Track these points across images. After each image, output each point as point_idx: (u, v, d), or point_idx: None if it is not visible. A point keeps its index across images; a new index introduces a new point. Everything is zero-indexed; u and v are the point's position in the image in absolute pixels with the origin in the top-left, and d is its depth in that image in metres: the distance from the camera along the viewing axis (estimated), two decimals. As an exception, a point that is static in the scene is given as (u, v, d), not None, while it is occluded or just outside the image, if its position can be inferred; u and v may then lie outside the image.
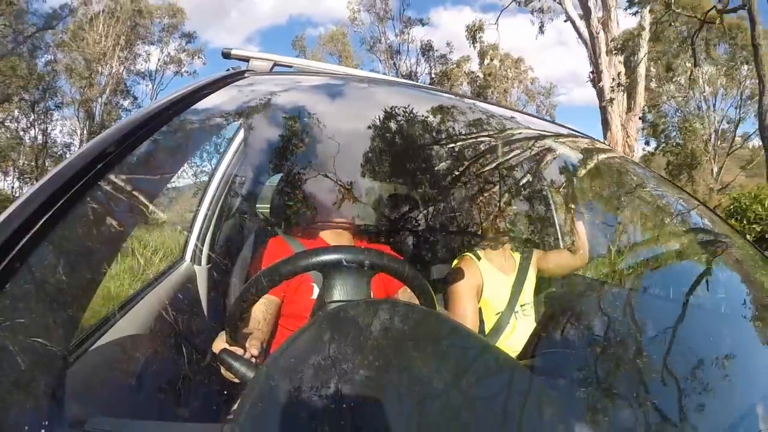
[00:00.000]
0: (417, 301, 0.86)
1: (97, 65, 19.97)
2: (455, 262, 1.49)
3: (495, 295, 1.43)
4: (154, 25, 22.00)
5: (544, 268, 1.53)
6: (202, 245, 1.53)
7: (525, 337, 1.41)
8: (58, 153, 20.47)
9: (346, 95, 1.30)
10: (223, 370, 0.80)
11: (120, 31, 20.34)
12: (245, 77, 1.13)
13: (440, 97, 1.54)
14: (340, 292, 0.77)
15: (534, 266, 1.51)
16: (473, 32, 17.90)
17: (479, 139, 1.42)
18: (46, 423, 0.47)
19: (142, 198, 0.68)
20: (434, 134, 1.38)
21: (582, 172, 1.45)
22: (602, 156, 1.45)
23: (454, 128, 1.41)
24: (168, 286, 1.33)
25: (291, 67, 1.30)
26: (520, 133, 1.42)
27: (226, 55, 1.25)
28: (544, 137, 1.44)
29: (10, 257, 0.50)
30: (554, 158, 1.44)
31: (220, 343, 0.82)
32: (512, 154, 1.43)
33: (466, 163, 1.47)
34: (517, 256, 1.52)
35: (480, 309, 1.43)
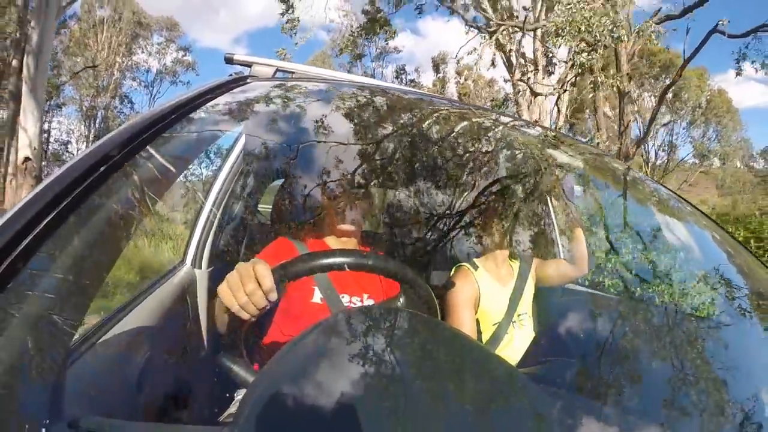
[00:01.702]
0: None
1: (104, 73, 20.60)
2: (452, 273, 1.49)
3: (492, 305, 1.42)
4: (152, 35, 23.59)
5: (543, 277, 1.53)
6: (203, 249, 1.53)
7: (522, 347, 1.40)
8: (56, 150, 20.98)
9: (348, 101, 1.31)
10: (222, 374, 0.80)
11: (121, 41, 21.26)
12: (247, 83, 1.14)
13: (443, 104, 1.55)
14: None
15: (533, 276, 1.51)
16: (437, 64, 19.46)
17: (480, 147, 1.43)
18: (46, 422, 0.47)
19: (144, 202, 0.69)
20: (436, 141, 1.39)
21: (583, 180, 1.46)
22: (601, 163, 1.46)
23: (456, 135, 1.41)
24: (168, 290, 1.34)
25: (293, 72, 1.31)
26: (521, 141, 1.42)
27: (229, 60, 1.26)
28: (544, 145, 1.45)
29: (12, 258, 0.51)
30: (556, 166, 1.44)
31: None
32: (512, 162, 1.43)
33: (468, 171, 1.47)
34: (515, 265, 1.51)
35: (477, 320, 1.42)
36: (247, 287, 0.73)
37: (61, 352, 0.55)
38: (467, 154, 1.40)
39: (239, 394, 1.08)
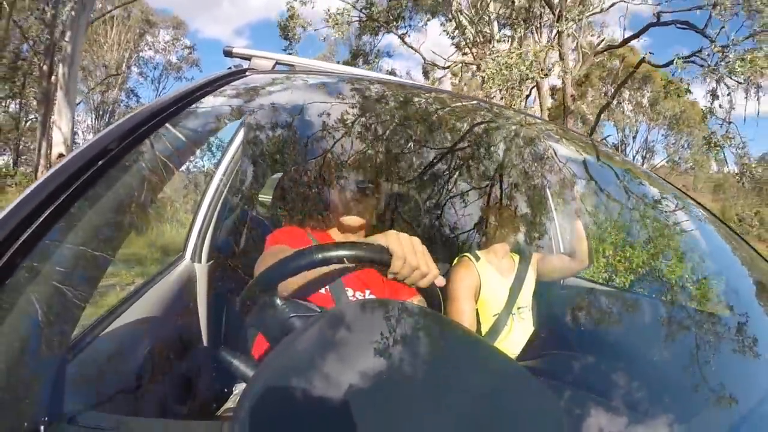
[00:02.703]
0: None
1: (114, 71, 22.28)
2: (454, 263, 1.49)
3: (492, 296, 1.43)
4: (159, 33, 25.18)
5: (543, 271, 1.53)
6: (203, 243, 1.53)
7: (522, 339, 1.41)
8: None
9: (348, 94, 1.30)
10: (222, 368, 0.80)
11: (129, 38, 22.72)
12: (246, 75, 1.13)
13: (442, 96, 1.54)
14: None
15: (533, 269, 1.51)
16: (426, 71, 20.54)
17: (481, 138, 1.42)
18: (45, 419, 0.47)
19: (143, 195, 0.68)
20: (436, 133, 1.38)
21: (584, 173, 1.45)
22: (603, 156, 1.45)
23: (456, 127, 1.41)
24: (168, 284, 1.33)
25: (292, 65, 1.30)
26: (523, 134, 1.42)
27: (228, 53, 1.25)
28: (547, 138, 1.44)
29: (12, 252, 0.50)
30: (557, 159, 1.44)
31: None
32: (514, 155, 1.43)
33: (468, 163, 1.47)
34: (516, 258, 1.52)
35: (477, 310, 1.43)
36: (422, 266, 0.76)
37: (60, 347, 0.55)
38: (469, 146, 1.40)
39: (237, 389, 1.08)
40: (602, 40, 12.07)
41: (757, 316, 1.05)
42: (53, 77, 8.90)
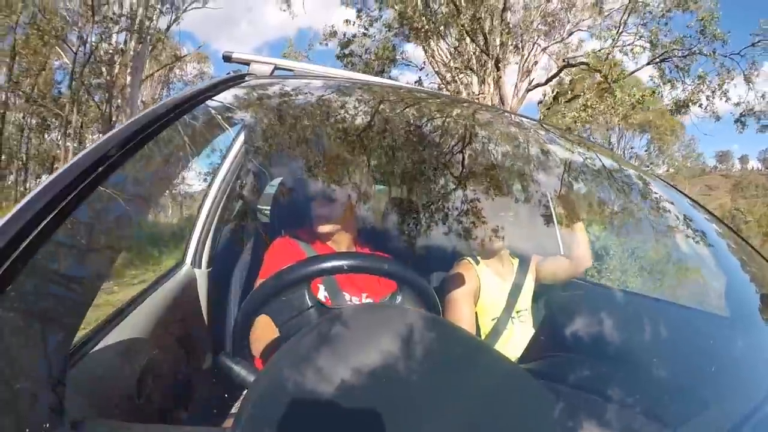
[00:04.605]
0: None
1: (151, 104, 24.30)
2: (453, 265, 1.49)
3: (492, 300, 1.42)
4: (186, 67, 27.98)
5: (543, 274, 1.53)
6: (203, 249, 1.53)
7: (522, 343, 1.40)
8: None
9: (347, 99, 1.30)
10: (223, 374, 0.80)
11: (161, 73, 25.09)
12: (246, 81, 1.13)
13: (442, 100, 1.54)
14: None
15: (532, 272, 1.51)
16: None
17: (481, 142, 1.42)
18: (47, 425, 0.47)
19: (143, 201, 0.68)
20: (435, 138, 1.38)
21: (583, 176, 1.45)
22: (604, 159, 1.45)
23: (456, 132, 1.41)
24: (168, 290, 1.33)
25: (292, 70, 1.30)
26: (522, 136, 1.42)
27: (227, 59, 1.25)
28: (546, 139, 1.44)
29: (13, 259, 0.50)
30: (557, 162, 1.44)
31: None
32: (514, 157, 1.43)
33: (467, 167, 1.47)
34: (515, 261, 1.51)
35: (476, 314, 1.42)
36: None
37: (62, 353, 0.55)
38: (468, 150, 1.40)
39: (238, 394, 1.08)
40: (532, 80, 13.65)
41: (758, 317, 1.05)
42: (112, 121, 12.32)
